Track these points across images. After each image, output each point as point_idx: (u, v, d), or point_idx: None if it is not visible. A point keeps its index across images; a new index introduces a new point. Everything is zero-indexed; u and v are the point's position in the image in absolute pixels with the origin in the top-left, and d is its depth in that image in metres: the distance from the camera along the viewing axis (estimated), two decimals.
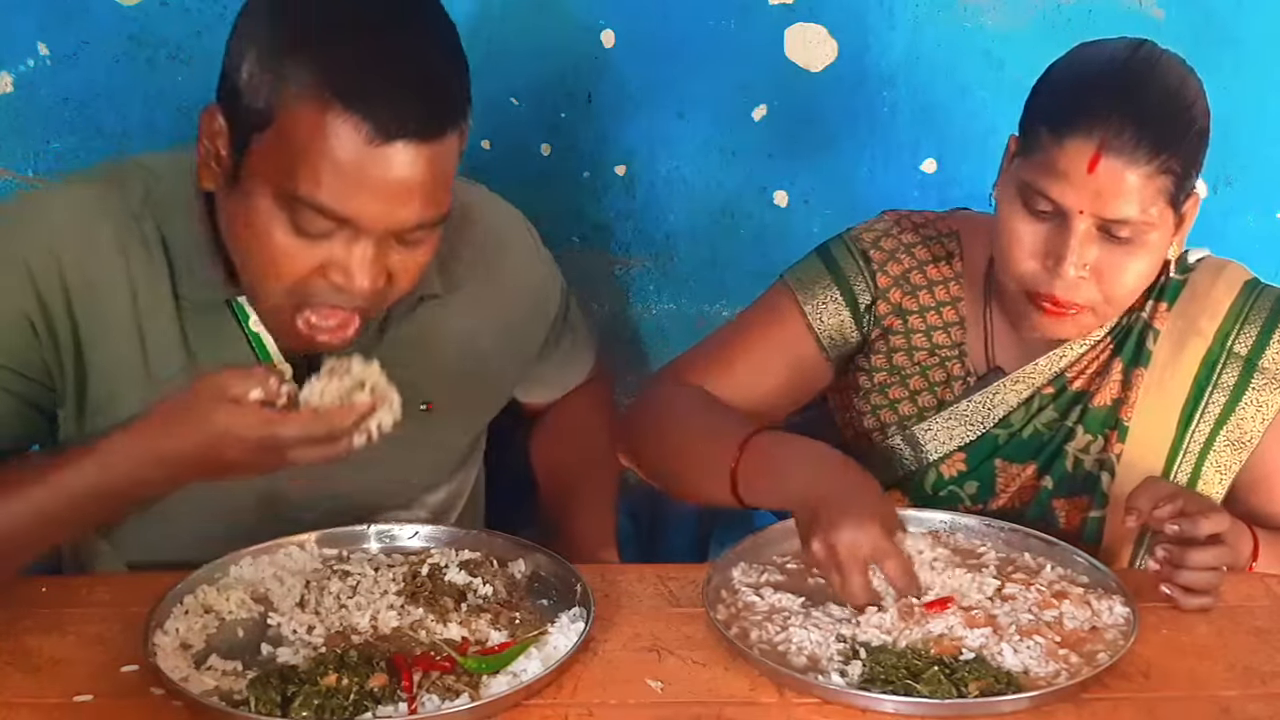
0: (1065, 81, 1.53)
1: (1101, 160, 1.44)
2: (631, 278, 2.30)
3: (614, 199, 2.25)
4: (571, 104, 2.19)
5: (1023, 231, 1.52)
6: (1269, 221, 2.26)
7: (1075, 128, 1.45)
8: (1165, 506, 1.42)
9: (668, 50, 2.16)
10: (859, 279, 1.70)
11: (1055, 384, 1.66)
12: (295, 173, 1.29)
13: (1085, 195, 1.46)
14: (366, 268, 1.34)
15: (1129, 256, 1.50)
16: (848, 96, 2.19)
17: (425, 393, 1.57)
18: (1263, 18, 2.14)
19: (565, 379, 1.84)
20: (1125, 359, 1.64)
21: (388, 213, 1.31)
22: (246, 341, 1.48)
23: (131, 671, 1.29)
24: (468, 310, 1.61)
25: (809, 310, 1.70)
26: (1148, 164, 1.44)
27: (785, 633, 1.36)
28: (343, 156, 1.28)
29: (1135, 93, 1.47)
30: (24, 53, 2.12)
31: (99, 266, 1.44)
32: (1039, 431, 1.66)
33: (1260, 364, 1.61)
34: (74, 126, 2.15)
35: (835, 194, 2.23)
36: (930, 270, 1.70)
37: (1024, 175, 1.51)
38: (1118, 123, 1.44)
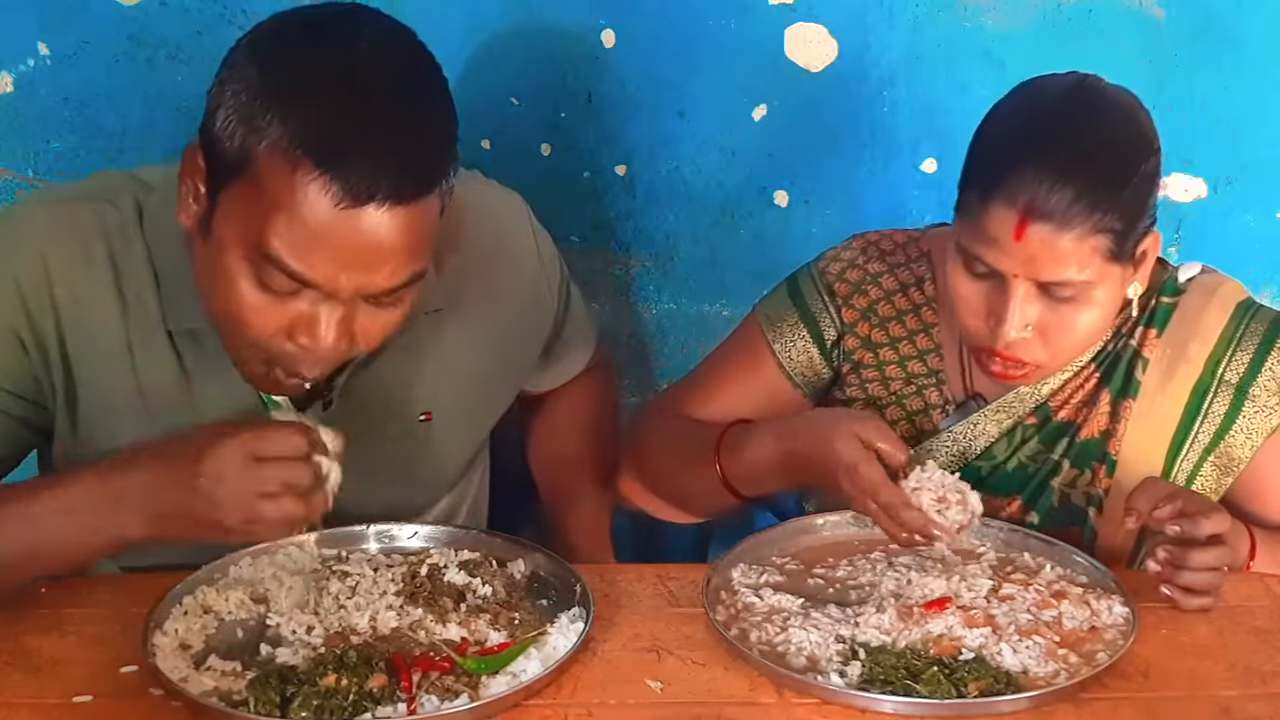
0: (992, 141, 1.47)
1: (1028, 228, 1.38)
2: (631, 278, 2.29)
3: (614, 199, 2.25)
4: (571, 104, 2.19)
5: (965, 291, 1.48)
6: (1269, 221, 2.25)
7: (998, 194, 1.40)
8: (1165, 507, 1.41)
9: (668, 50, 2.16)
10: (824, 315, 1.68)
11: (1039, 414, 1.61)
12: (262, 229, 1.24)
13: (1017, 261, 1.41)
14: (332, 329, 1.28)
15: (1074, 312, 1.45)
16: (848, 96, 2.19)
17: (424, 404, 1.56)
18: (1263, 18, 2.14)
19: (567, 367, 1.84)
20: (1113, 390, 1.60)
21: (356, 278, 1.26)
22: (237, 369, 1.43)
23: (131, 672, 1.29)
24: (468, 319, 1.57)
25: (778, 348, 1.69)
26: (1080, 226, 1.38)
27: (785, 633, 1.36)
28: (310, 218, 1.22)
29: (1063, 152, 1.39)
30: (24, 53, 2.12)
31: (88, 283, 1.41)
32: (1023, 464, 1.62)
33: (1251, 391, 1.57)
34: (74, 126, 2.15)
35: (835, 194, 2.23)
36: (899, 300, 1.67)
37: (960, 238, 1.47)
38: (1045, 187, 1.37)
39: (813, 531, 1.58)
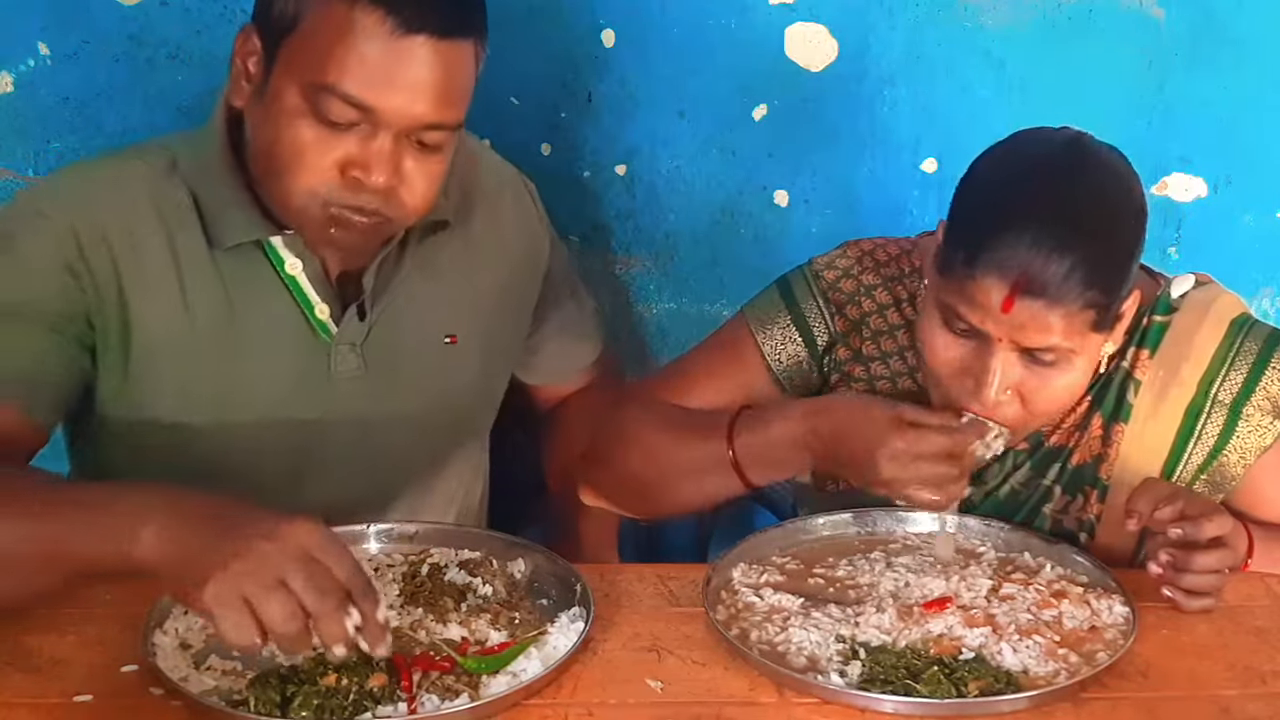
0: (981, 200, 1.44)
1: (1017, 302, 1.36)
2: (632, 278, 2.30)
3: (614, 199, 2.25)
4: (571, 104, 2.19)
5: (941, 348, 1.45)
6: (1269, 221, 2.25)
7: (989, 263, 1.36)
8: (1166, 509, 1.40)
9: (668, 50, 2.16)
10: (818, 319, 1.65)
11: (1030, 440, 1.59)
12: (323, 64, 1.39)
13: (1004, 327, 1.39)
14: (384, 163, 1.41)
15: (1056, 375, 1.43)
16: (848, 96, 2.19)
17: (445, 324, 1.65)
18: (1263, 18, 2.14)
19: (570, 358, 1.85)
20: (1105, 414, 1.57)
21: (406, 104, 1.40)
22: (284, 285, 1.55)
23: (131, 671, 1.29)
24: (475, 245, 1.67)
25: (767, 349, 1.66)
26: (1071, 302, 1.36)
27: (785, 633, 1.36)
28: (367, 47, 1.38)
29: (1058, 225, 1.36)
30: (24, 53, 2.12)
31: (139, 225, 1.52)
32: (1015, 490, 1.60)
33: (1244, 411, 1.55)
34: (74, 126, 2.15)
35: (835, 194, 2.23)
36: (891, 315, 1.64)
37: (941, 294, 1.43)
38: (1038, 262, 1.35)
39: (813, 531, 1.58)
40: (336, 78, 1.39)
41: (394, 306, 1.61)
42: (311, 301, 1.56)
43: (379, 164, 1.41)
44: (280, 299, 1.56)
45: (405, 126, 1.41)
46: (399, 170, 1.43)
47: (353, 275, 1.57)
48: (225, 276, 1.54)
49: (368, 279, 1.57)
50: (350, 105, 1.39)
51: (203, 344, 1.54)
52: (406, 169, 1.44)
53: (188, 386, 1.55)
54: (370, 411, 1.61)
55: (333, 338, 1.57)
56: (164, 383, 1.54)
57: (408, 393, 1.63)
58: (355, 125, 1.41)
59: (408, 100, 1.40)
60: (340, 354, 1.58)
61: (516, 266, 1.74)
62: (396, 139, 1.42)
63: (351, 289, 1.58)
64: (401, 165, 1.43)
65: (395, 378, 1.62)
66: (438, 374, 1.65)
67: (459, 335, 1.67)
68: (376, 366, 1.60)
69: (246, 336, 1.56)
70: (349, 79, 1.38)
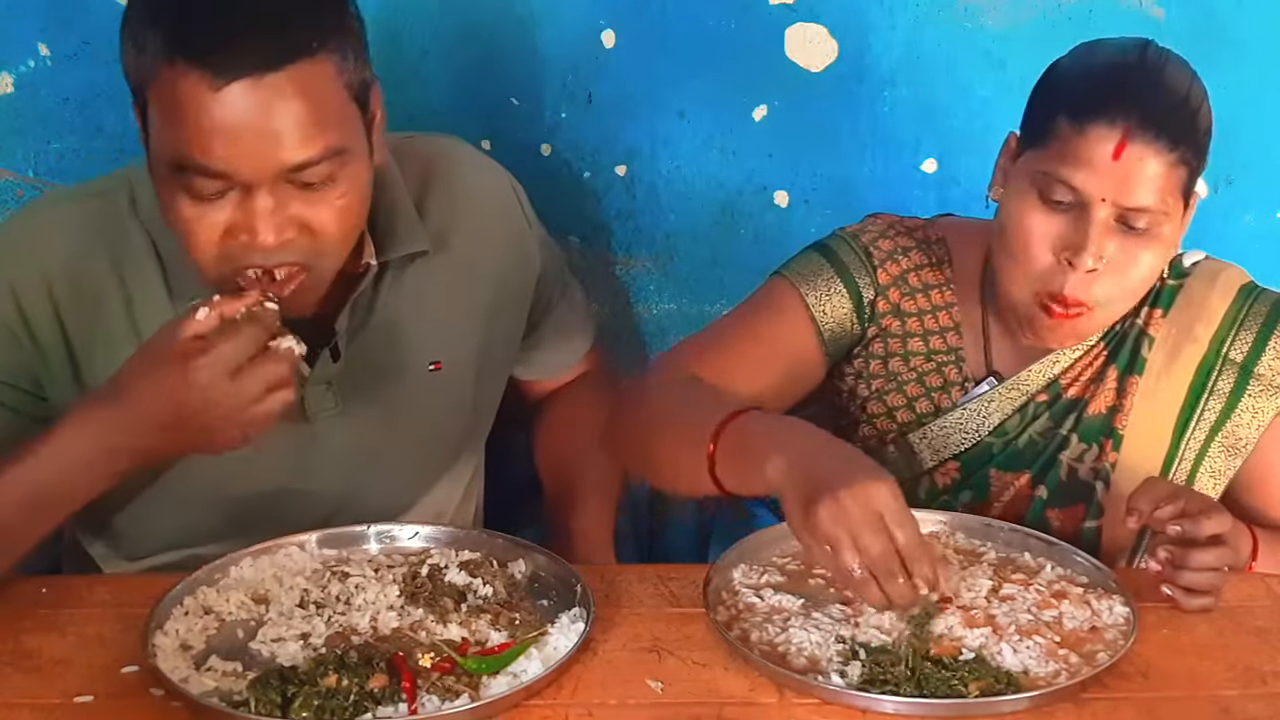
0: (1084, 72, 1.53)
1: (1127, 147, 1.45)
2: (632, 278, 2.30)
3: (614, 199, 2.25)
4: (571, 104, 2.19)
5: (1038, 224, 1.51)
6: (1269, 221, 2.26)
7: (1099, 115, 1.46)
8: (1166, 507, 1.41)
9: (668, 50, 2.16)
10: (861, 272, 1.68)
11: (1050, 391, 1.64)
12: (169, 138, 1.30)
13: (1109, 182, 1.46)
14: (266, 220, 1.31)
15: (1142, 249, 1.50)
16: (848, 96, 2.19)
17: (429, 352, 1.60)
18: (1263, 18, 2.14)
19: (563, 353, 1.84)
20: (1120, 366, 1.63)
21: (256, 156, 1.29)
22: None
23: (131, 672, 1.29)
24: (461, 267, 1.61)
25: (812, 301, 1.67)
26: (1170, 153, 1.46)
27: (785, 634, 1.36)
28: (195, 109, 1.27)
29: (1156, 84, 1.49)
30: (24, 53, 2.12)
31: (91, 278, 1.46)
32: (1034, 440, 1.65)
33: (1256, 370, 1.61)
34: (74, 127, 2.15)
35: (835, 194, 2.23)
36: (926, 274, 1.69)
37: (1040, 166, 1.50)
38: (1141, 111, 1.45)
39: None
40: (183, 151, 1.29)
41: (370, 340, 1.55)
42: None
43: (261, 223, 1.31)
44: None
45: (273, 177, 1.30)
46: (291, 221, 1.33)
47: (328, 316, 1.49)
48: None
49: (341, 322, 1.49)
50: (208, 176, 1.30)
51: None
52: (299, 215, 1.33)
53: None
54: (350, 446, 1.57)
55: (304, 381, 1.48)
56: None
57: (389, 424, 1.58)
58: (228, 191, 1.31)
59: (259, 152, 1.28)
60: (314, 394, 1.53)
61: (506, 282, 1.68)
62: (273, 190, 1.31)
63: (323, 328, 1.50)
64: (291, 214, 1.33)
65: (374, 411, 1.57)
66: (422, 402, 1.61)
67: (444, 361, 1.61)
68: (353, 402, 1.55)
69: None
70: (195, 149, 1.28)
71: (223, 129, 1.27)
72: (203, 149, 1.28)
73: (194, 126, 1.28)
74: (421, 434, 1.63)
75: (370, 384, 1.56)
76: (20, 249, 1.47)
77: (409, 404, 1.60)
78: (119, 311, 1.47)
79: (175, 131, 1.29)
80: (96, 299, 1.46)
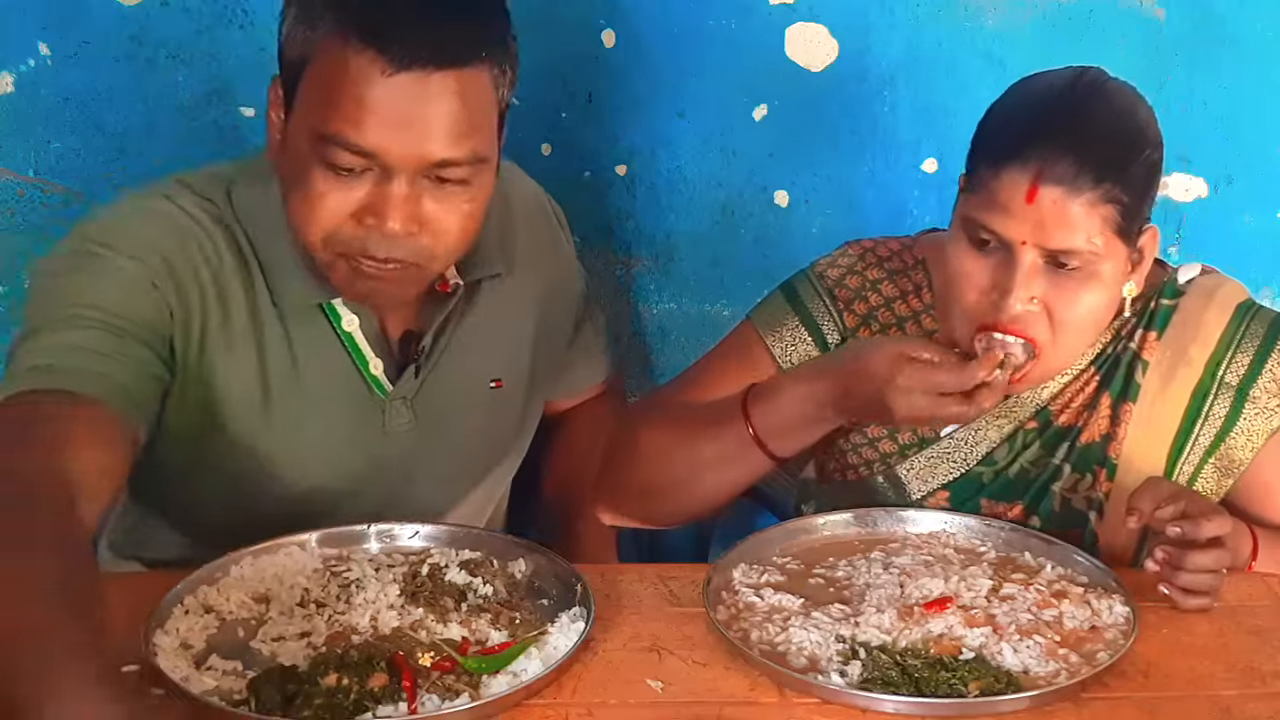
0: (1004, 115, 1.50)
1: (1040, 190, 1.41)
2: (632, 278, 2.30)
3: (614, 199, 2.25)
4: (571, 104, 2.19)
5: (969, 267, 1.48)
6: (1269, 221, 2.26)
7: (1013, 158, 1.42)
8: (1167, 508, 1.41)
9: (668, 50, 2.16)
10: (826, 318, 1.66)
11: (1039, 418, 1.61)
12: (323, 111, 1.35)
13: (1026, 226, 1.42)
14: (399, 208, 1.37)
15: (1080, 288, 1.45)
16: (848, 96, 2.19)
17: (492, 369, 1.64)
18: (1263, 18, 2.14)
19: (586, 374, 1.85)
20: (1113, 393, 1.59)
21: (411, 145, 1.35)
22: (340, 343, 1.54)
23: (132, 671, 1.29)
24: (520, 288, 1.66)
25: (776, 351, 1.66)
26: (1090, 192, 1.41)
27: (785, 633, 1.36)
28: (364, 89, 1.33)
29: (1074, 120, 1.44)
30: (24, 53, 2.12)
31: (222, 265, 1.50)
32: (1025, 469, 1.61)
33: (1251, 393, 1.57)
34: (75, 126, 2.15)
35: (836, 194, 2.23)
36: (899, 306, 1.65)
37: (967, 211, 1.48)
38: (1055, 150, 1.41)
39: (813, 531, 1.58)
40: (339, 126, 1.34)
41: (447, 359, 1.60)
42: (366, 358, 1.55)
43: (393, 209, 1.36)
44: (336, 356, 1.54)
45: (416, 168, 1.36)
46: (419, 214, 1.38)
47: (414, 334, 1.57)
48: (291, 330, 1.53)
49: (426, 340, 1.56)
50: (355, 153, 1.35)
51: (257, 400, 1.53)
52: (428, 211, 1.39)
53: (240, 438, 1.54)
54: (417, 461, 1.61)
55: (388, 394, 1.56)
56: (217, 433, 1.53)
57: (454, 440, 1.63)
58: (367, 171, 1.36)
59: (412, 141, 1.35)
60: (394, 409, 1.58)
61: (554, 301, 1.73)
62: (412, 181, 1.37)
63: (408, 344, 1.57)
64: (421, 208, 1.38)
65: (442, 427, 1.61)
66: (483, 419, 1.65)
67: (504, 379, 1.66)
68: (425, 418, 1.60)
69: (302, 393, 1.54)
70: (350, 125, 1.34)
71: (384, 112, 1.33)
72: (359, 126, 1.34)
73: (355, 103, 1.33)
74: (477, 448, 1.67)
75: (441, 400, 1.60)
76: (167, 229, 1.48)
77: (472, 420, 1.64)
78: (243, 307, 1.51)
79: (333, 106, 1.34)
80: (228, 290, 1.50)
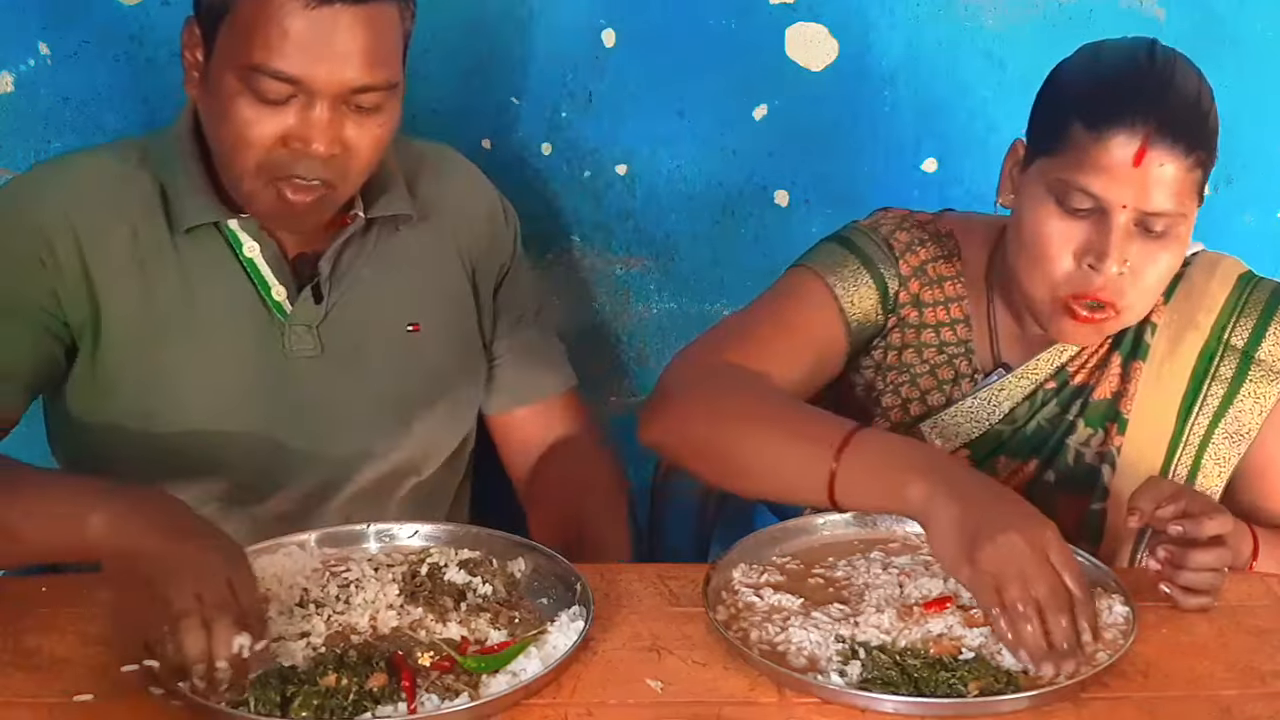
0: (1095, 77, 1.54)
1: (1148, 153, 1.47)
2: (632, 278, 2.29)
3: (614, 199, 2.25)
4: (571, 104, 2.19)
5: (1058, 231, 1.52)
6: (1269, 221, 2.26)
7: (1118, 122, 1.47)
8: (1168, 507, 1.41)
9: (668, 50, 2.16)
10: (886, 263, 1.69)
11: (1058, 378, 1.66)
12: (249, 45, 1.45)
13: (1130, 189, 1.48)
14: (323, 130, 1.48)
15: (1161, 249, 1.52)
16: (848, 96, 2.19)
17: (408, 314, 1.71)
18: (1263, 18, 2.14)
19: (530, 380, 1.83)
20: (1124, 352, 1.65)
21: (333, 72, 1.46)
22: (241, 268, 1.61)
23: (131, 671, 1.29)
24: (440, 242, 1.74)
25: (840, 291, 1.67)
26: (1187, 157, 1.48)
27: (785, 633, 1.36)
28: (289, 22, 1.44)
29: (1170, 87, 1.50)
30: (24, 53, 2.12)
31: (102, 216, 1.59)
32: (1042, 427, 1.66)
33: (1257, 356, 1.63)
34: (74, 126, 2.15)
35: (835, 194, 2.23)
36: (941, 266, 1.71)
37: (1057, 173, 1.51)
38: (1159, 116, 1.47)
39: (813, 531, 1.58)
40: (264, 57, 1.45)
41: (354, 293, 1.66)
42: (269, 283, 1.62)
43: (318, 132, 1.47)
44: (238, 281, 1.62)
45: (337, 93, 1.47)
46: (340, 138, 1.49)
47: (309, 258, 1.64)
48: (185, 261, 1.61)
49: (324, 262, 1.63)
50: (280, 80, 1.45)
51: (164, 328, 1.60)
52: (348, 135, 1.50)
53: (151, 370, 1.61)
54: (330, 394, 1.66)
55: (288, 317, 1.63)
56: (128, 369, 1.60)
57: (367, 376, 1.68)
58: (291, 98, 1.47)
59: (334, 68, 1.45)
60: (296, 334, 1.64)
61: (487, 275, 1.79)
62: (333, 106, 1.48)
63: (308, 272, 1.64)
64: (342, 132, 1.49)
65: (354, 361, 1.67)
66: (399, 360, 1.70)
67: (422, 324, 1.71)
68: (334, 350, 1.65)
69: (205, 319, 1.61)
70: (275, 55, 1.44)
71: (308, 41, 1.44)
72: (283, 55, 1.45)
73: (280, 34, 1.44)
74: (398, 392, 1.71)
75: (351, 335, 1.66)
76: (45, 193, 1.60)
77: (387, 359, 1.69)
78: (125, 248, 1.59)
79: (259, 39, 1.45)
80: (109, 237, 1.59)
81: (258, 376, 1.63)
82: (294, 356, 1.64)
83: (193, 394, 1.62)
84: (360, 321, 1.67)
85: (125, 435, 1.62)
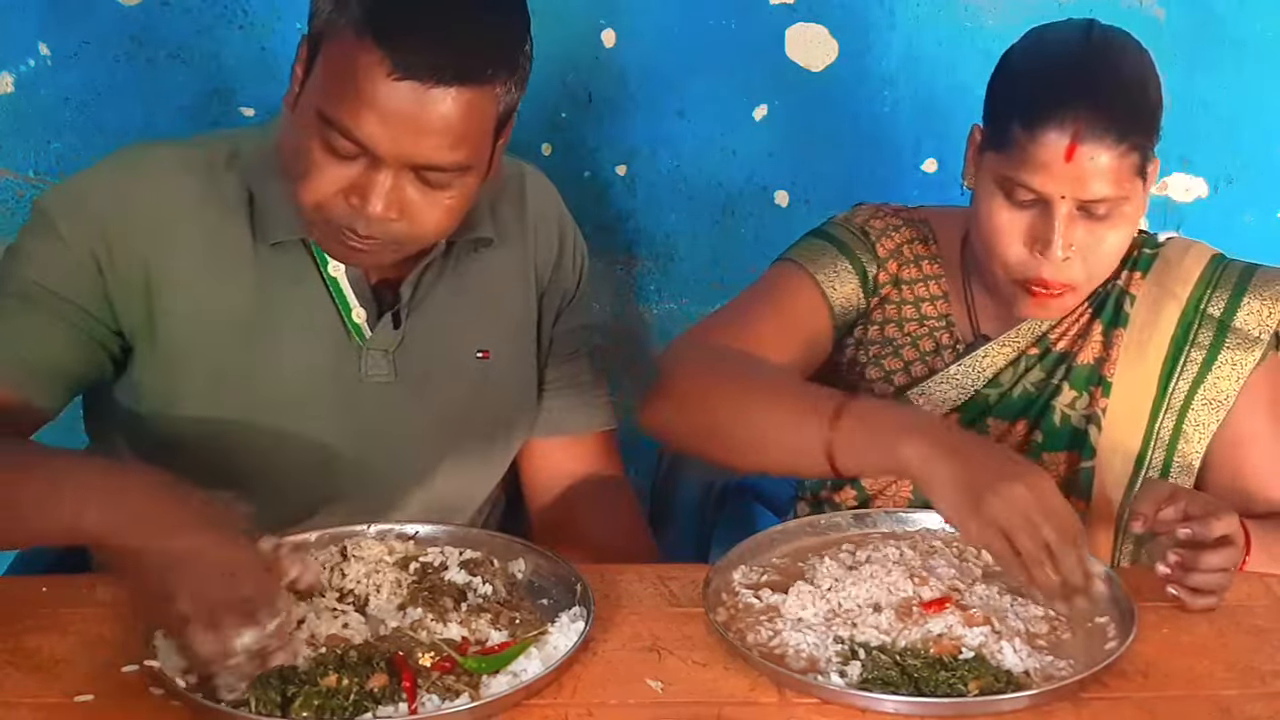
0: (1031, 71, 1.58)
1: (1078, 149, 1.51)
2: (632, 278, 2.30)
3: (614, 199, 2.25)
4: (571, 104, 2.19)
5: (1006, 221, 1.58)
6: (1269, 221, 2.26)
7: (1048, 121, 1.51)
8: (1169, 509, 1.42)
9: (668, 50, 2.16)
10: (863, 250, 1.74)
11: (1040, 346, 1.70)
12: (328, 94, 1.40)
13: (1065, 182, 1.52)
14: (381, 195, 1.41)
15: (1108, 229, 1.56)
16: (848, 96, 2.19)
17: (479, 340, 1.66)
18: (1263, 18, 2.14)
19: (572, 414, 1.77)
20: (1105, 321, 1.70)
21: (400, 144, 1.39)
22: (324, 286, 1.57)
23: (132, 671, 1.29)
24: (514, 264, 1.69)
25: (822, 280, 1.72)
26: (1118, 144, 1.51)
27: (784, 634, 1.36)
28: (367, 86, 1.37)
29: (1100, 78, 1.54)
30: (24, 53, 2.12)
31: (176, 214, 1.54)
32: (1027, 390, 1.70)
33: (1233, 324, 1.67)
34: (74, 126, 2.15)
35: (835, 194, 2.23)
36: (917, 247, 1.76)
37: (1002, 170, 1.56)
38: (1088, 111, 1.50)
39: (813, 531, 1.58)
40: (337, 111, 1.39)
41: (430, 318, 1.62)
42: (350, 304, 1.57)
43: (376, 196, 1.42)
44: (319, 298, 1.57)
45: (403, 165, 1.41)
46: (400, 203, 1.43)
47: (392, 283, 1.59)
48: (265, 270, 1.55)
49: (405, 288, 1.58)
50: (347, 139, 1.40)
51: (234, 335, 1.55)
52: (410, 201, 1.44)
53: (216, 376, 1.56)
54: (398, 420, 1.61)
55: (366, 341, 1.58)
56: (192, 373, 1.55)
57: (437, 404, 1.63)
58: (359, 156, 1.41)
59: (403, 142, 1.39)
60: (372, 359, 1.59)
61: (552, 299, 1.74)
62: (398, 174, 1.42)
63: (390, 297, 1.59)
64: (404, 198, 1.43)
65: (423, 388, 1.62)
66: (468, 388, 1.66)
67: (491, 351, 1.67)
68: (406, 375, 1.61)
69: (281, 331, 1.56)
70: (348, 115, 1.39)
71: (381, 113, 1.38)
72: (355, 118, 1.39)
73: (356, 97, 1.38)
74: (460, 418, 1.67)
75: (424, 361, 1.62)
76: (114, 187, 1.54)
77: (457, 387, 1.65)
78: (199, 254, 1.55)
79: (337, 91, 1.39)
80: (179, 238, 1.54)
81: (328, 395, 1.58)
82: (368, 381, 1.59)
83: (259, 404, 1.57)
84: (434, 347, 1.63)
85: (184, 442, 1.57)
